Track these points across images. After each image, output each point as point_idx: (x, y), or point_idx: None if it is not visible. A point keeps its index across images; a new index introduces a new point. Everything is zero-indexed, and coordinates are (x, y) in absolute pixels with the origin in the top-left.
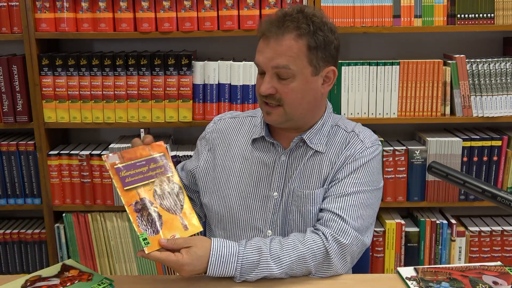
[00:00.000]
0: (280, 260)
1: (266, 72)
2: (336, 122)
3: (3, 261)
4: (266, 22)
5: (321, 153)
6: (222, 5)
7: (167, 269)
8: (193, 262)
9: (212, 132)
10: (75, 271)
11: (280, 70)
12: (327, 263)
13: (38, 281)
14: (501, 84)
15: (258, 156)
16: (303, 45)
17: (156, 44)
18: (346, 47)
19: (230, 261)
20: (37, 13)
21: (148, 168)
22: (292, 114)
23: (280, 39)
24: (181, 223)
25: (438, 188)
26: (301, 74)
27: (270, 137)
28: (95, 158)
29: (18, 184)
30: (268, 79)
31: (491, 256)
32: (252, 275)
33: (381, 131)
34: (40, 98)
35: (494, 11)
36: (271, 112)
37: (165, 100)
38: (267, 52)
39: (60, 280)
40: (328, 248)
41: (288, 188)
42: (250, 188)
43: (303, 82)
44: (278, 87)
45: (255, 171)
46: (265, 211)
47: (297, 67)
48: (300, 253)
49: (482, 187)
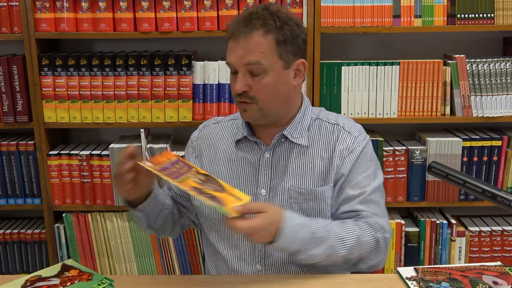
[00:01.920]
0: (343, 241)
1: (238, 71)
2: (317, 115)
3: (3, 261)
4: (234, 23)
5: (306, 147)
6: (222, 5)
7: (167, 269)
8: (269, 227)
9: (197, 139)
10: (75, 271)
11: (252, 67)
12: (376, 252)
13: (38, 281)
14: (501, 84)
15: (243, 156)
16: (271, 41)
17: (156, 44)
18: (346, 47)
19: (301, 231)
20: (37, 13)
21: (177, 167)
22: (267, 110)
23: (248, 36)
24: (233, 197)
25: (438, 188)
26: (273, 69)
27: (252, 136)
28: (95, 158)
29: (18, 184)
30: (241, 77)
31: (491, 256)
32: (318, 251)
33: (381, 131)
34: (40, 98)
35: (494, 11)
36: (246, 109)
37: (165, 100)
38: (238, 51)
39: (60, 280)
40: (377, 237)
41: (281, 186)
42: (237, 188)
43: (275, 77)
44: (252, 84)
45: (241, 171)
46: None
47: (268, 62)
48: (359, 236)
49: (482, 187)
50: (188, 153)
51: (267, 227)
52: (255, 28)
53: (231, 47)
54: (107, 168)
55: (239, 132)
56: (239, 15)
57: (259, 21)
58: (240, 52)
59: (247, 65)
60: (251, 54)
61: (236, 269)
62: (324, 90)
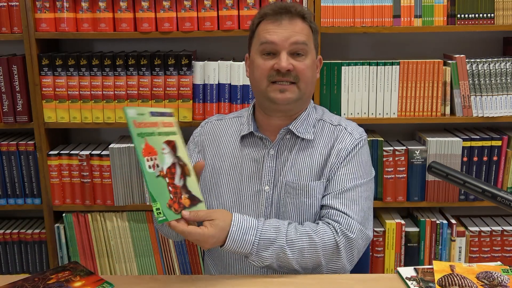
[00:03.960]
0: (293, 244)
1: (281, 51)
2: (321, 116)
3: (3, 261)
4: (271, 7)
5: (310, 141)
6: (222, 5)
7: (167, 269)
8: (216, 234)
9: (200, 135)
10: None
11: (299, 46)
12: (336, 256)
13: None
14: (501, 84)
15: (248, 153)
16: (309, 29)
17: (156, 44)
18: (346, 47)
19: (249, 233)
20: (37, 13)
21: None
22: (304, 92)
23: (293, 20)
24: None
25: (438, 188)
26: (311, 54)
27: (258, 131)
28: (95, 158)
29: (18, 184)
30: (286, 56)
31: (491, 256)
32: (267, 253)
33: (381, 131)
34: (40, 98)
35: (494, 11)
36: (286, 90)
37: (165, 100)
38: (282, 32)
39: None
40: (338, 241)
41: (280, 181)
42: (241, 184)
43: (312, 62)
44: (295, 64)
45: (245, 167)
46: (257, 206)
47: (310, 46)
48: (312, 241)
49: (482, 187)
50: (189, 149)
51: (216, 235)
52: (296, 14)
53: (271, 28)
54: (107, 168)
55: (244, 128)
56: (271, 5)
57: (297, 10)
58: (286, 32)
59: (295, 44)
60: (298, 34)
61: (237, 268)
62: (324, 90)
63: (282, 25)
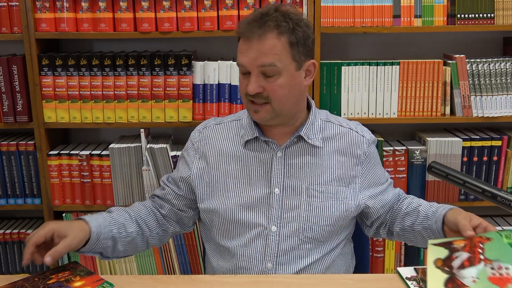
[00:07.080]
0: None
1: (251, 72)
2: (326, 117)
3: (3, 261)
4: (245, 23)
5: (320, 148)
6: (222, 5)
7: (167, 269)
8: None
9: (199, 141)
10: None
11: (266, 69)
12: None
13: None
14: (501, 84)
15: (254, 156)
16: (285, 42)
17: (156, 44)
18: (346, 47)
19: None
20: (37, 13)
21: None
22: (280, 110)
23: (262, 38)
24: None
25: (438, 188)
26: (286, 71)
27: (263, 135)
28: (95, 158)
29: (18, 184)
30: (254, 79)
31: None
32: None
33: (381, 131)
34: (40, 98)
35: (494, 11)
36: (258, 110)
37: (165, 100)
38: (251, 53)
39: None
40: None
41: (289, 185)
42: (249, 187)
43: (289, 78)
44: (265, 85)
45: (253, 170)
46: (268, 208)
47: (282, 64)
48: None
49: (482, 187)
50: (188, 155)
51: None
52: (268, 30)
53: (244, 48)
54: (107, 168)
55: (246, 132)
56: (249, 16)
57: (272, 22)
58: (254, 53)
59: (261, 66)
60: (265, 56)
61: (244, 266)
62: (324, 90)
63: (252, 44)
